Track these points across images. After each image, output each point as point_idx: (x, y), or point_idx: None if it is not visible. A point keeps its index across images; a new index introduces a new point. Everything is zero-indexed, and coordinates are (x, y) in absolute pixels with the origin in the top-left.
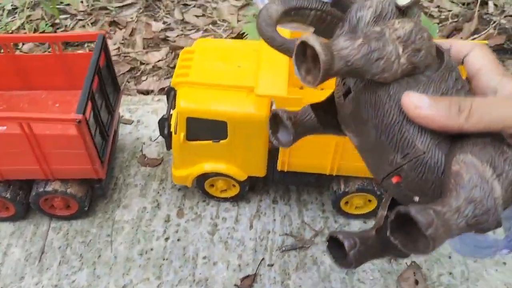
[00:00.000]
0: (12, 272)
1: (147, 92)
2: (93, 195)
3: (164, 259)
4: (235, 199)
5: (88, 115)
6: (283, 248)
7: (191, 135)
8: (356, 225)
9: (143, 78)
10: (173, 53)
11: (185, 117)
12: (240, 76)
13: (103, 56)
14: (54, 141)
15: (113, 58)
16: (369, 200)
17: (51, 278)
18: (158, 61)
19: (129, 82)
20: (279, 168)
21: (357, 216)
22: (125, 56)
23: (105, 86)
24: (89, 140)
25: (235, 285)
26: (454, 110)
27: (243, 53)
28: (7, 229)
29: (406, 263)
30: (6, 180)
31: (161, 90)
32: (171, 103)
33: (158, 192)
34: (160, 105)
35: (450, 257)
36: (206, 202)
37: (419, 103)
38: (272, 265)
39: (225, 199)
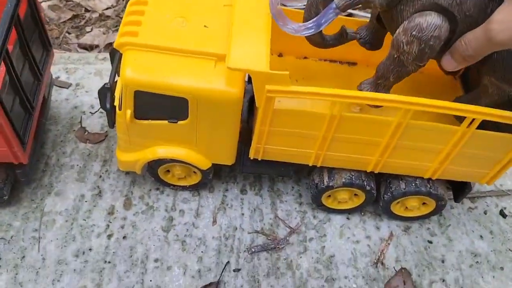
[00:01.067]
0: None
1: (90, 48)
2: (15, 179)
3: (105, 262)
4: (196, 188)
5: (1, 80)
6: (253, 249)
7: (140, 113)
8: (338, 222)
9: (87, 29)
10: (125, 0)
11: (133, 91)
12: (206, 39)
13: (25, 2)
14: None
15: (52, 2)
16: (355, 194)
17: None
18: (107, 8)
19: (69, 33)
20: (251, 156)
21: (340, 211)
22: (67, 1)
23: (28, 43)
24: (1, 116)
25: None
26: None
27: (211, 8)
28: None
29: (394, 267)
30: None
31: (108, 46)
32: (116, 68)
33: (100, 177)
34: (105, 66)
35: (443, 261)
36: (160, 191)
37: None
38: (238, 270)
39: (184, 188)
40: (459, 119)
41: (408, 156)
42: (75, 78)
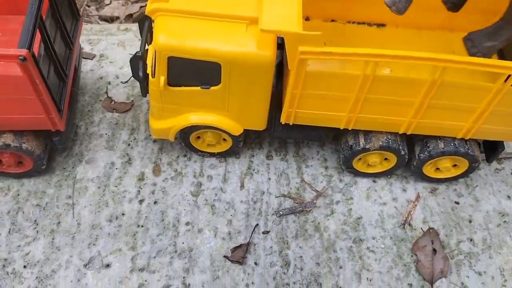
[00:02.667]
0: None
1: (111, 19)
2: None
3: (138, 226)
4: (224, 155)
5: (37, 49)
6: (280, 212)
7: (173, 80)
8: (364, 185)
9: (106, 1)
10: None
11: (166, 57)
12: (237, 2)
13: None
14: None
15: None
16: (386, 158)
17: None
18: None
19: (89, 6)
20: (283, 121)
21: (366, 175)
22: None
23: (59, 12)
24: (40, 82)
25: (224, 256)
26: None
27: None
28: None
29: (421, 228)
30: None
31: (129, 17)
32: (146, 36)
33: (129, 144)
34: (128, 36)
35: (470, 221)
36: (187, 157)
37: None
38: (267, 232)
39: (211, 154)
40: None
41: (441, 116)
42: (99, 49)
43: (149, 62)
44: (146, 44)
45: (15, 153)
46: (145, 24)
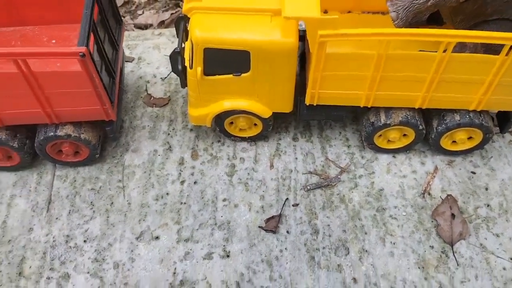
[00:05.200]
0: (19, 224)
1: (145, 27)
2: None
3: (181, 203)
4: (254, 139)
5: (91, 48)
6: (308, 187)
7: (209, 69)
8: (384, 160)
9: (139, 12)
10: None
11: (202, 48)
12: None
13: None
14: (56, 80)
15: None
16: (405, 134)
17: (62, 228)
18: None
19: (124, 16)
20: (307, 102)
21: (386, 151)
22: None
23: (107, 17)
24: (96, 76)
25: (259, 227)
26: None
27: None
28: (8, 179)
29: (440, 197)
30: (11, 128)
31: (161, 24)
32: (182, 35)
33: (169, 134)
34: (162, 40)
35: (487, 189)
36: (221, 143)
37: None
38: (297, 205)
39: (243, 139)
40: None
41: (452, 89)
42: (137, 53)
43: (186, 56)
44: (183, 42)
45: (73, 143)
46: (181, 24)
